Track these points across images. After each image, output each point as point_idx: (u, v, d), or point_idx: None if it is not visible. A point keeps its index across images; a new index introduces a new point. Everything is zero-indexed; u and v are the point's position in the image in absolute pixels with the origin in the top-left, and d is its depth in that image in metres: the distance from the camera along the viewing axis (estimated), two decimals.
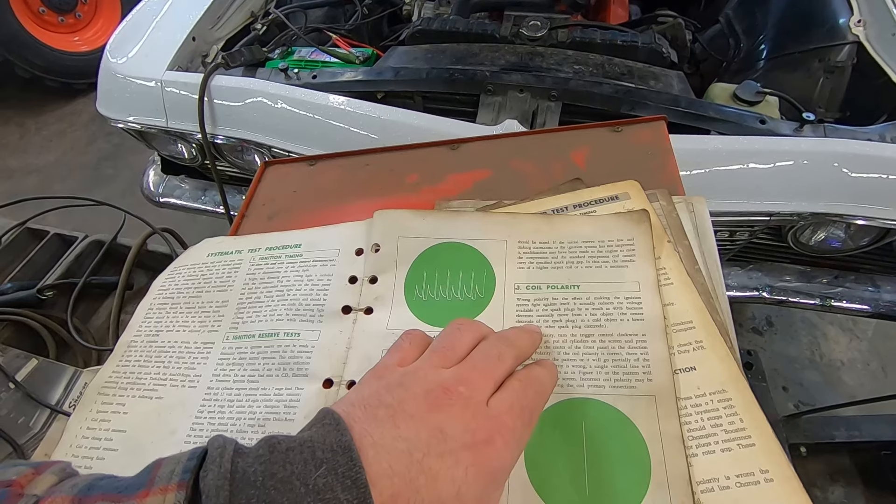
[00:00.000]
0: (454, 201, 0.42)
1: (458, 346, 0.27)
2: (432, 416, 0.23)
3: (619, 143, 0.44)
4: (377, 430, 0.22)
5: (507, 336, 0.29)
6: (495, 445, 0.23)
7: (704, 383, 0.29)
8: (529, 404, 0.25)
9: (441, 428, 0.22)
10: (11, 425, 0.58)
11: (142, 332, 0.40)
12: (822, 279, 0.97)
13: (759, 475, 0.25)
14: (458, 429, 0.23)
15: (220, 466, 0.19)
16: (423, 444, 0.21)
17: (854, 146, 0.77)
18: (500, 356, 0.27)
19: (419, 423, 0.22)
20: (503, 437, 0.23)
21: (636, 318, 0.32)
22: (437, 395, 0.24)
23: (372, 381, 0.26)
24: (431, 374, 0.25)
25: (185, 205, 1.17)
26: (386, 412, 0.23)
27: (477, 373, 0.26)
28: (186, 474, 0.20)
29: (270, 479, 0.19)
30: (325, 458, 0.20)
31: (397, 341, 0.30)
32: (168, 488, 0.19)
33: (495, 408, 0.24)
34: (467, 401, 0.24)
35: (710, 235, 0.36)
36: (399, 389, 0.24)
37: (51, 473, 0.22)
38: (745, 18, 1.25)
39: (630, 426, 0.28)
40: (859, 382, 1.40)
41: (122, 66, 0.98)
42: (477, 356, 0.27)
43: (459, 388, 0.24)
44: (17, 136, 2.36)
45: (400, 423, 0.22)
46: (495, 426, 0.23)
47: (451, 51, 1.00)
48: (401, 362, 0.27)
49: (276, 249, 0.42)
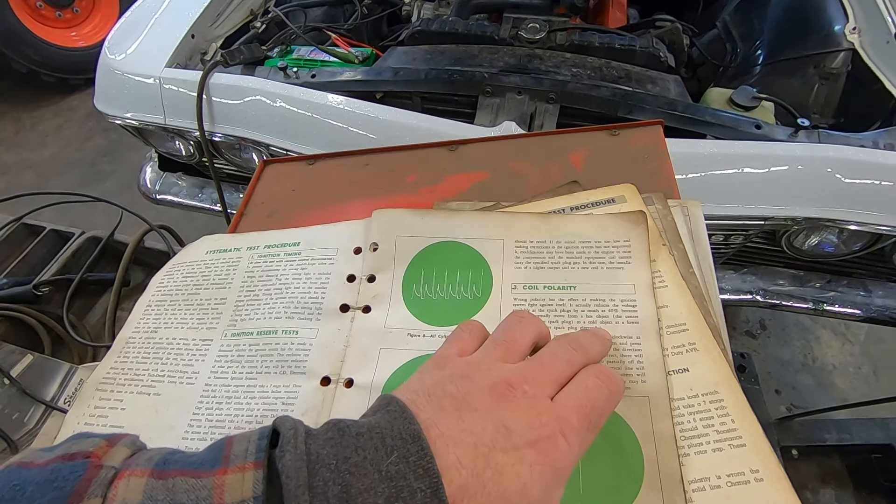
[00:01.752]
0: (452, 202, 0.43)
1: (520, 338, 0.27)
2: (497, 410, 0.23)
3: (617, 146, 0.44)
4: (443, 421, 0.22)
5: (578, 339, 0.28)
6: (558, 443, 0.22)
7: (697, 384, 0.29)
8: (598, 406, 0.25)
9: (506, 423, 0.22)
10: (6, 421, 0.58)
11: (140, 328, 0.40)
12: (815, 283, 0.98)
13: (749, 475, 0.26)
14: (523, 425, 0.22)
15: (296, 447, 0.20)
16: (488, 438, 0.21)
17: (848, 152, 0.78)
18: (569, 361, 0.26)
19: (485, 416, 0.22)
20: (567, 436, 0.23)
21: (631, 320, 0.32)
22: (503, 390, 0.24)
23: (434, 371, 0.25)
24: (496, 367, 0.25)
25: (183, 202, 1.17)
26: (451, 403, 0.23)
27: (543, 372, 0.25)
28: (261, 453, 0.20)
29: (344, 462, 0.19)
30: (396, 446, 0.20)
31: (455, 331, 0.29)
32: (245, 466, 0.19)
33: (561, 404, 0.24)
34: (532, 398, 0.24)
35: (704, 239, 0.36)
36: (463, 381, 0.24)
37: (123, 445, 0.22)
38: (742, 24, 1.26)
39: (624, 426, 0.28)
40: (851, 386, 1.41)
41: (121, 63, 0.98)
42: (546, 356, 0.26)
43: (524, 386, 0.24)
44: (12, 131, 2.34)
45: (465, 415, 0.22)
46: (559, 424, 0.23)
47: (450, 52, 1.00)
48: (461, 352, 0.27)
49: (274, 247, 0.42)
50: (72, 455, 0.20)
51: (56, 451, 0.20)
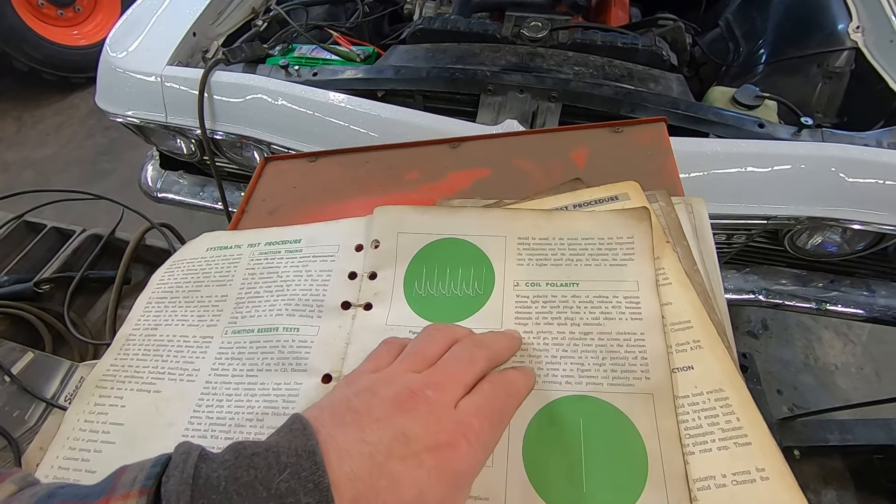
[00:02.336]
0: (454, 200, 0.43)
1: (429, 350, 0.28)
2: (397, 419, 0.23)
3: (620, 143, 0.44)
4: (342, 435, 0.22)
5: (481, 339, 0.29)
6: (459, 448, 0.22)
7: (702, 382, 0.29)
8: (499, 406, 0.25)
9: (404, 431, 0.22)
10: (6, 419, 0.58)
11: (140, 325, 0.40)
12: (818, 283, 0.98)
13: (755, 473, 0.25)
14: (422, 431, 0.22)
15: (183, 472, 0.19)
16: (385, 447, 0.21)
17: (851, 151, 0.77)
18: (470, 359, 0.27)
19: (383, 426, 0.22)
20: (468, 439, 0.23)
21: (635, 316, 0.32)
22: (403, 399, 0.24)
23: (343, 387, 0.26)
24: (400, 378, 0.25)
25: (184, 200, 1.17)
26: (353, 417, 0.23)
27: (446, 376, 0.25)
28: (149, 480, 0.19)
29: (233, 483, 0.19)
30: (290, 463, 0.20)
31: (375, 349, 0.30)
32: (130, 494, 0.19)
33: (463, 410, 0.24)
34: (434, 404, 0.24)
35: (708, 236, 0.36)
36: (367, 394, 0.24)
37: (10, 482, 0.21)
38: (745, 23, 1.26)
39: (628, 424, 0.28)
40: (853, 386, 1.40)
41: (122, 61, 0.98)
42: (448, 359, 0.27)
43: (426, 392, 0.24)
44: (13, 130, 2.35)
45: (365, 427, 0.22)
46: (460, 428, 0.23)
47: (451, 50, 1.00)
48: (374, 368, 0.27)
49: (275, 245, 0.42)
50: None
51: None
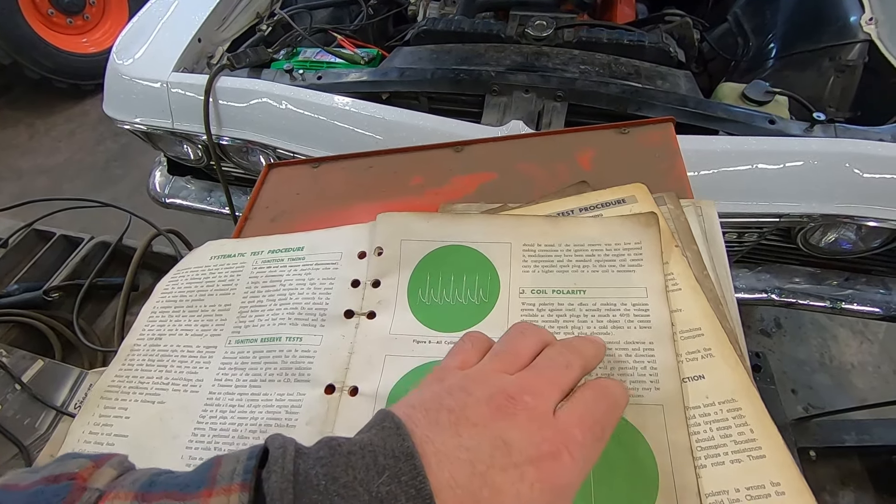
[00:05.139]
0: (458, 204, 0.42)
1: (522, 350, 0.26)
2: (496, 424, 0.22)
3: (626, 144, 0.43)
4: (439, 437, 0.21)
5: (572, 344, 0.27)
6: (562, 460, 0.21)
7: (713, 392, 0.28)
8: (601, 419, 0.24)
9: (505, 439, 0.21)
10: (17, 426, 0.59)
11: (145, 335, 0.40)
12: (832, 281, 0.96)
13: (769, 488, 0.25)
14: (524, 441, 0.21)
15: (283, 468, 0.19)
16: (486, 455, 0.21)
17: (866, 146, 0.76)
18: (567, 364, 0.25)
19: (482, 431, 0.21)
20: (570, 451, 0.22)
21: (643, 325, 0.31)
22: (501, 403, 0.23)
23: (433, 384, 0.25)
24: (494, 378, 0.24)
25: (191, 206, 1.17)
26: (448, 417, 0.22)
27: (543, 380, 0.24)
28: (248, 475, 0.19)
29: (333, 483, 0.19)
30: (388, 465, 0.19)
31: (458, 343, 0.28)
32: (231, 488, 0.19)
33: (563, 419, 0.23)
34: (533, 410, 0.23)
35: (719, 240, 0.35)
36: (461, 393, 0.23)
37: (110, 466, 0.21)
38: (754, 17, 1.23)
39: (637, 436, 0.27)
40: (870, 386, 1.38)
41: (129, 68, 0.99)
42: (543, 363, 0.26)
43: (525, 397, 0.23)
44: (26, 137, 2.38)
45: (462, 430, 0.21)
46: (563, 439, 0.22)
47: (456, 51, 1.00)
48: (462, 365, 0.26)
49: (278, 252, 0.41)
50: (56, 477, 0.19)
51: (41, 473, 0.20)
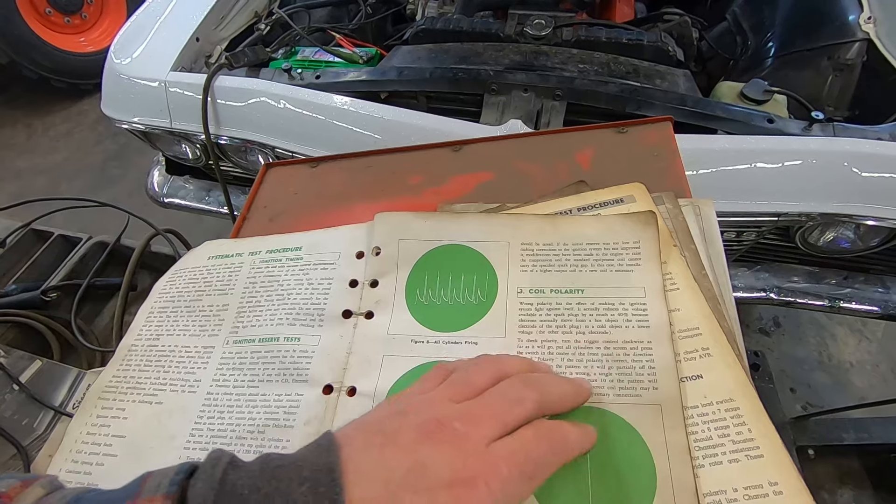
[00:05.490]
0: (457, 204, 0.42)
1: (475, 380, 0.26)
2: (419, 448, 0.22)
3: (625, 144, 0.43)
4: (364, 457, 0.21)
5: (537, 380, 0.27)
6: (477, 489, 0.21)
7: (711, 392, 0.28)
8: (537, 458, 0.23)
9: (424, 462, 0.21)
10: (15, 427, 0.58)
11: (142, 335, 0.40)
12: (831, 280, 0.96)
13: (767, 487, 0.25)
14: (442, 465, 0.22)
15: (211, 477, 0.20)
16: (401, 476, 0.21)
17: (864, 145, 0.76)
18: (518, 399, 0.25)
19: (404, 453, 0.22)
20: (488, 483, 0.21)
21: (641, 324, 0.31)
22: (431, 428, 0.23)
23: (383, 406, 0.26)
24: (437, 405, 0.24)
25: (190, 205, 1.17)
26: (380, 440, 0.22)
27: (486, 411, 0.24)
28: (174, 486, 0.20)
29: (255, 492, 0.19)
30: (309, 477, 0.20)
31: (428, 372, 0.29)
32: (154, 499, 0.19)
33: (493, 452, 0.23)
34: (461, 438, 0.23)
35: (717, 240, 0.35)
36: (399, 418, 0.24)
37: (38, 486, 0.22)
38: (753, 16, 1.23)
39: (635, 436, 0.27)
40: (868, 384, 1.38)
41: (127, 67, 0.98)
42: (494, 394, 0.25)
43: (455, 424, 0.23)
44: (24, 137, 2.37)
45: (387, 452, 0.22)
46: (483, 469, 0.22)
47: (454, 50, 0.99)
48: (421, 391, 0.27)
49: (276, 252, 0.41)
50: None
51: None
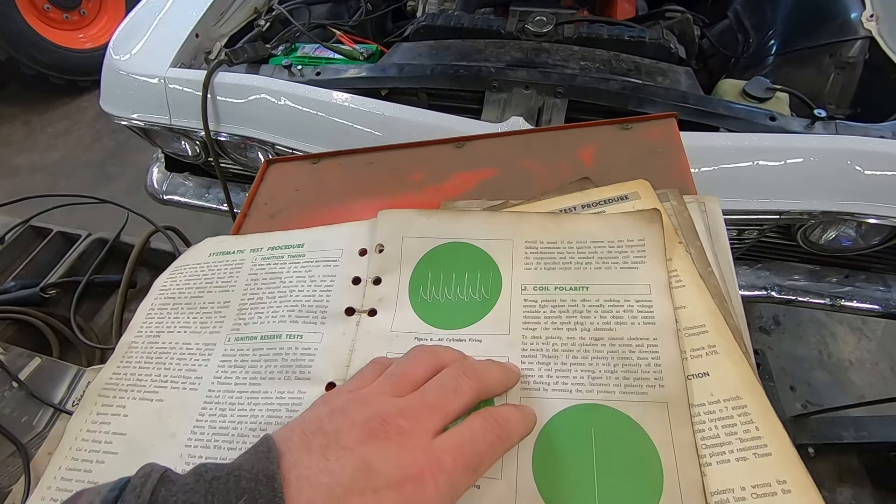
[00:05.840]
0: (459, 202, 0.42)
1: (412, 372, 0.26)
2: (364, 448, 0.22)
3: (629, 140, 0.43)
4: (306, 461, 0.21)
5: (473, 366, 0.27)
6: (425, 486, 0.21)
7: (718, 389, 0.28)
8: (482, 449, 0.24)
9: (369, 462, 0.21)
10: (15, 424, 0.58)
11: (143, 332, 0.39)
12: (832, 278, 0.96)
13: (776, 486, 0.24)
14: (388, 464, 0.21)
15: (139, 496, 0.19)
16: (347, 478, 0.21)
17: (866, 143, 0.75)
18: (456, 388, 0.25)
19: (349, 455, 0.21)
20: (435, 477, 0.21)
21: (647, 321, 0.31)
22: (374, 426, 0.22)
23: (318, 406, 0.25)
24: (376, 402, 0.24)
25: (189, 202, 1.17)
26: (321, 441, 0.22)
27: (425, 404, 0.24)
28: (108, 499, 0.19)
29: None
30: (248, 488, 0.19)
31: (362, 368, 0.28)
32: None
33: (438, 445, 0.23)
34: (405, 434, 0.22)
35: (723, 236, 0.35)
36: (340, 417, 0.23)
37: None
38: (754, 13, 1.23)
39: (641, 434, 0.27)
40: (868, 383, 1.38)
41: (126, 63, 0.98)
42: (432, 386, 0.25)
43: (399, 421, 0.23)
44: (22, 134, 2.36)
45: (330, 454, 0.21)
46: (429, 465, 0.22)
47: (455, 47, 0.99)
48: (355, 388, 0.26)
49: (278, 249, 0.41)
50: None
51: None
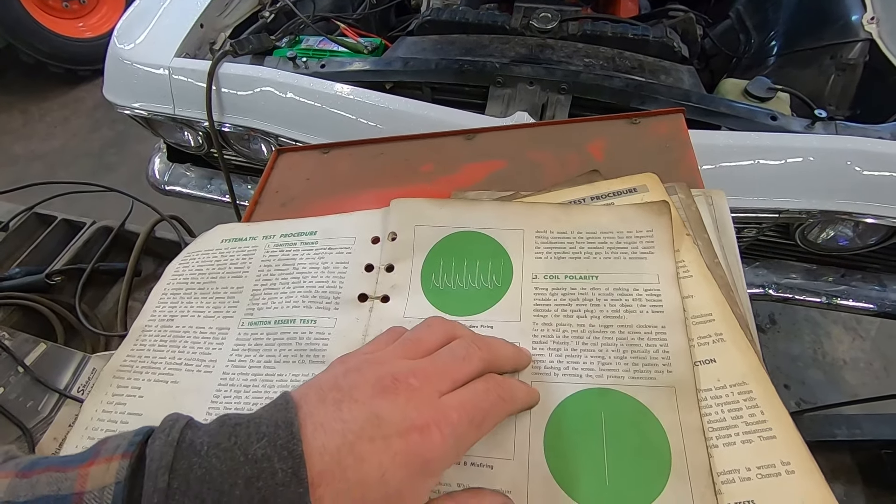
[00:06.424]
0: (470, 192, 0.42)
1: (426, 339, 0.27)
2: (374, 401, 0.23)
3: (637, 135, 0.44)
4: (321, 412, 0.22)
5: (485, 339, 0.28)
6: (430, 435, 0.22)
7: (724, 375, 0.29)
8: (486, 406, 0.25)
9: (379, 414, 0.22)
10: (20, 409, 0.58)
11: (156, 316, 0.40)
12: (829, 277, 0.97)
13: (780, 467, 0.25)
14: (396, 416, 0.23)
15: (169, 435, 0.20)
16: (358, 427, 0.22)
17: (865, 144, 0.77)
18: (466, 357, 0.26)
19: (361, 407, 0.23)
20: (441, 428, 0.23)
21: (656, 309, 0.32)
22: (386, 384, 0.24)
23: (335, 366, 0.26)
24: (389, 363, 0.25)
25: (191, 193, 1.17)
26: (335, 395, 0.23)
27: (435, 368, 0.25)
28: (132, 447, 0.20)
29: (214, 448, 0.20)
30: (268, 433, 0.20)
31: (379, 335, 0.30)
32: (112, 458, 0.20)
33: (445, 402, 0.24)
34: (415, 391, 0.24)
35: (729, 229, 0.36)
36: (354, 374, 0.25)
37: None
38: (756, 14, 1.24)
39: (650, 417, 0.28)
40: (862, 382, 1.40)
41: (130, 53, 0.98)
42: (443, 353, 0.27)
43: (410, 380, 0.24)
44: (20, 123, 2.35)
45: (344, 406, 0.23)
46: (435, 417, 0.23)
47: (460, 42, 0.99)
48: (370, 351, 0.28)
49: (291, 236, 0.41)
50: None
51: None
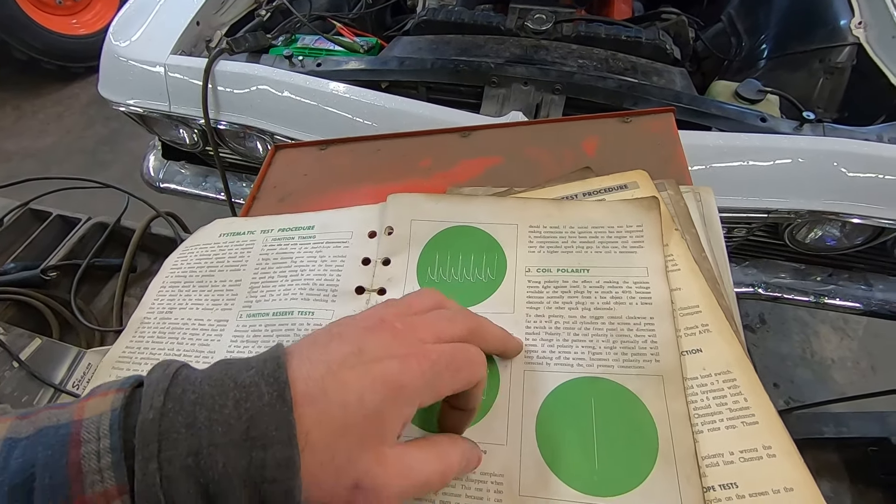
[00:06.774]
0: (466, 187, 0.43)
1: (415, 303, 0.28)
2: (360, 337, 0.24)
3: (629, 133, 0.45)
4: (308, 350, 0.23)
5: (475, 316, 0.29)
6: (408, 364, 0.23)
7: (710, 364, 0.30)
8: (462, 360, 0.26)
9: (362, 347, 0.24)
10: (15, 404, 0.58)
11: (155, 308, 0.40)
12: (817, 277, 0.99)
13: (761, 450, 0.26)
14: (379, 347, 0.24)
15: (165, 369, 0.22)
16: (341, 358, 0.23)
17: (852, 146, 0.78)
18: (451, 319, 0.27)
19: (346, 342, 0.24)
20: (419, 362, 0.24)
21: (644, 301, 0.33)
22: (373, 324, 0.25)
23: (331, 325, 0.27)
24: (379, 312, 0.27)
25: (186, 191, 1.17)
26: (325, 338, 0.24)
27: (422, 322, 0.26)
28: (126, 384, 0.21)
29: (207, 378, 0.21)
30: (256, 365, 0.22)
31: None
32: (109, 392, 0.21)
33: (426, 345, 0.25)
34: (399, 332, 0.25)
35: (716, 224, 0.37)
36: (345, 322, 0.26)
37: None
38: (747, 17, 1.26)
39: (638, 404, 0.29)
40: (849, 380, 1.42)
41: (126, 49, 0.98)
42: (431, 314, 0.28)
43: (395, 323, 0.25)
44: (13, 119, 2.33)
45: (331, 344, 0.24)
46: (416, 350, 0.24)
47: (455, 42, 1.00)
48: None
49: (289, 231, 0.42)
50: None
51: None
